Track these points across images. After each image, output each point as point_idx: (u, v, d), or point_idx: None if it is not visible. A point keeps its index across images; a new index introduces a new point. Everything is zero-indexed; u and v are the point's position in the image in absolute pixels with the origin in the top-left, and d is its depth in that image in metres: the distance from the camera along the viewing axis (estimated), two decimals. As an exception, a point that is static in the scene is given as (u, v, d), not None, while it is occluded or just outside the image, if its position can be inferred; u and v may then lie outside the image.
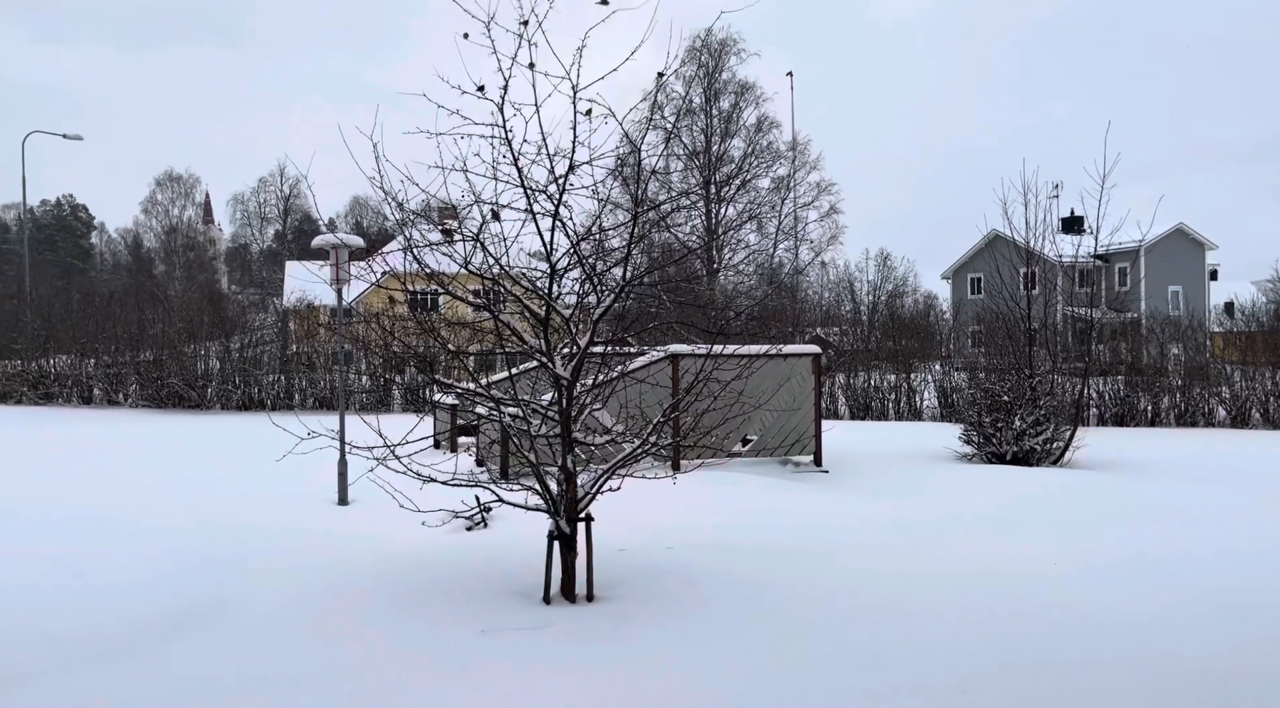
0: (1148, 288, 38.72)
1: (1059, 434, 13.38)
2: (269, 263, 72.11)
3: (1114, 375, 21.85)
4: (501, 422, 6.23)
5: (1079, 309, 25.59)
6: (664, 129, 37.42)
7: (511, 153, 5.86)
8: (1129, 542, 7.81)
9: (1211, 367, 22.14)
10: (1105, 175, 14.31)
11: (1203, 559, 7.15)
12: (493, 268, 6.10)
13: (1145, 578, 6.55)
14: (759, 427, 12.36)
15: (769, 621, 5.53)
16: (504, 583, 6.19)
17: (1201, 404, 20.51)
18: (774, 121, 46.17)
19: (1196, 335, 23.78)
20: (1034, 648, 5.11)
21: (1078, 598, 6.05)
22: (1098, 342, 21.71)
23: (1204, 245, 49.45)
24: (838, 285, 47.40)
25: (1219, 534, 8.16)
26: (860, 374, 23.92)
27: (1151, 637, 5.29)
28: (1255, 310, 28.39)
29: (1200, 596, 6.09)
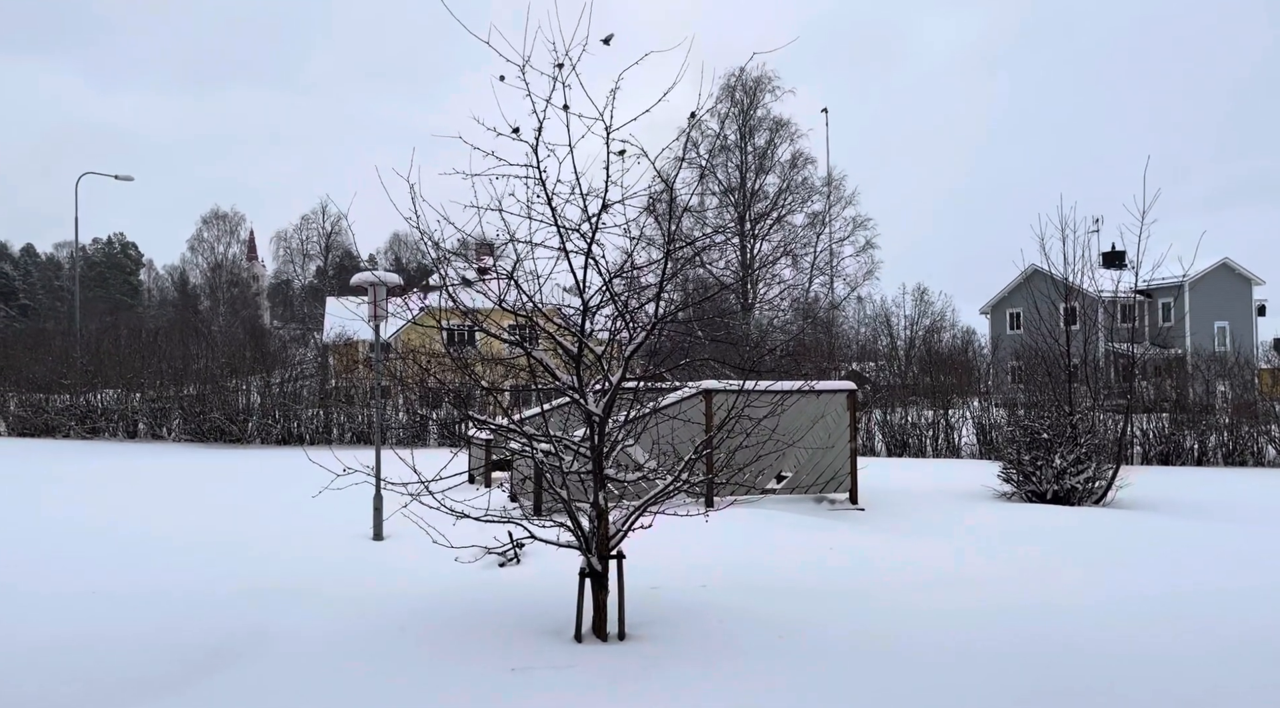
0: (1192, 324, 38.01)
1: (1101, 473, 13.12)
2: (310, 299, 73.39)
3: (1158, 413, 21.41)
4: (534, 458, 6.26)
5: (1121, 345, 25.19)
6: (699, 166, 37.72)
7: (545, 192, 5.96)
8: (1173, 582, 7.60)
9: (1260, 404, 21.61)
10: (1145, 210, 14.13)
11: (1249, 602, 6.93)
12: (526, 305, 6.16)
13: (1188, 619, 6.36)
14: (794, 464, 12.27)
15: (803, 662, 5.45)
16: (536, 620, 6.18)
17: (1250, 443, 20.00)
18: (809, 157, 46.36)
19: (1244, 372, 23.25)
20: (1074, 687, 4.98)
21: (1118, 638, 5.90)
22: (1141, 378, 21.31)
23: (1251, 280, 48.50)
24: (874, 320, 47.00)
25: (1267, 577, 7.91)
26: (897, 410, 23.67)
27: (1191, 678, 5.13)
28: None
29: (1243, 637, 5.90)
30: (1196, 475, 17.62)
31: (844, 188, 46.90)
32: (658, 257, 6.81)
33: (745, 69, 44.09)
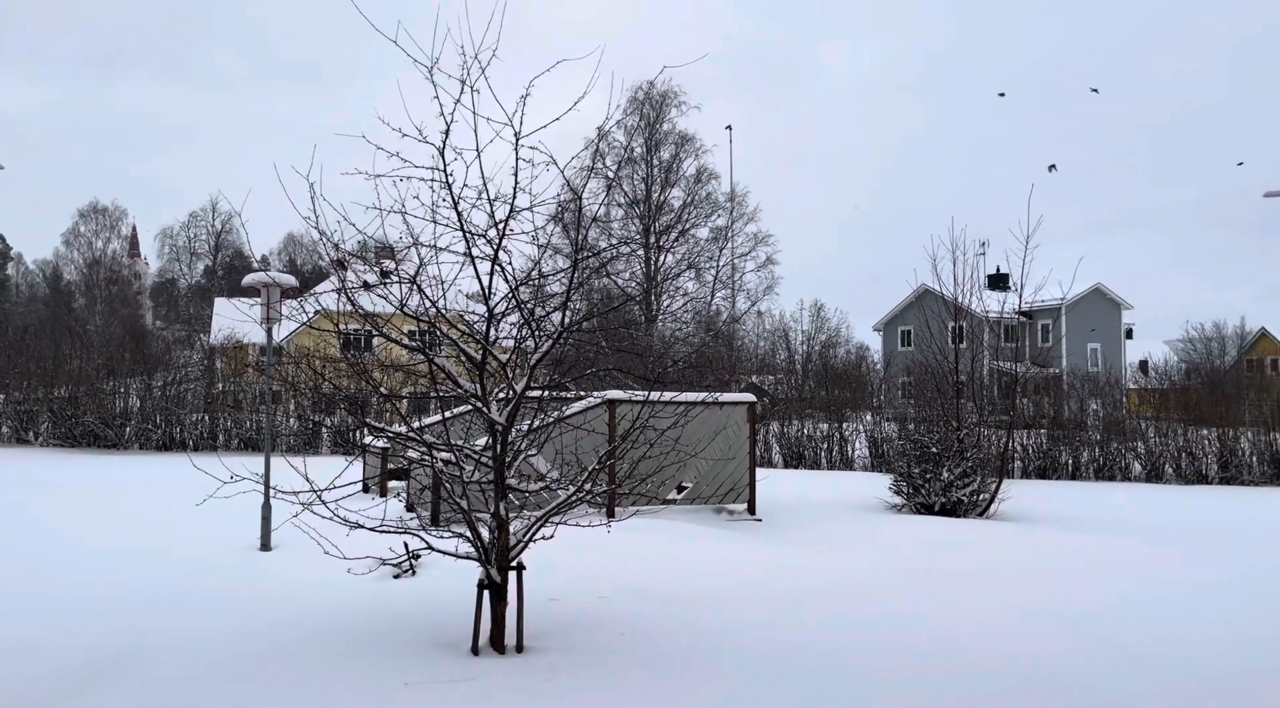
0: (1068, 344, 40.12)
1: (985, 486, 13.68)
2: (197, 299, 70.30)
3: (1037, 429, 22.49)
4: (433, 467, 6.12)
5: (1004, 363, 26.38)
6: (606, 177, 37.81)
7: (451, 196, 5.86)
8: (1051, 593, 7.96)
9: (1128, 422, 22.95)
10: (1029, 235, 14.88)
11: (1117, 611, 7.32)
12: (429, 310, 6.03)
13: (1065, 628, 6.67)
14: (694, 474, 12.37)
15: (702, 672, 5.47)
16: (431, 633, 6.02)
17: (1119, 459, 21.20)
18: (713, 173, 47.07)
19: (1114, 392, 24.69)
20: (961, 696, 5.14)
21: (1002, 647, 6.13)
22: (1022, 396, 22.36)
23: (1120, 305, 51.57)
24: (773, 334, 48.11)
25: (1135, 585, 8.37)
26: (794, 423, 24.19)
27: (1069, 686, 5.38)
28: (1168, 369, 29.64)
29: (1109, 645, 6.22)
30: (1071, 489, 18.56)
31: (747, 204, 47.79)
32: (565, 266, 6.78)
33: (653, 83, 44.50)
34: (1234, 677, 5.65)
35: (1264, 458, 20.02)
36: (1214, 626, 6.87)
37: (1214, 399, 22.65)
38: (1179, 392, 24.65)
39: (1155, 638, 6.46)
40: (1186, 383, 26.14)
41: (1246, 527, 13.05)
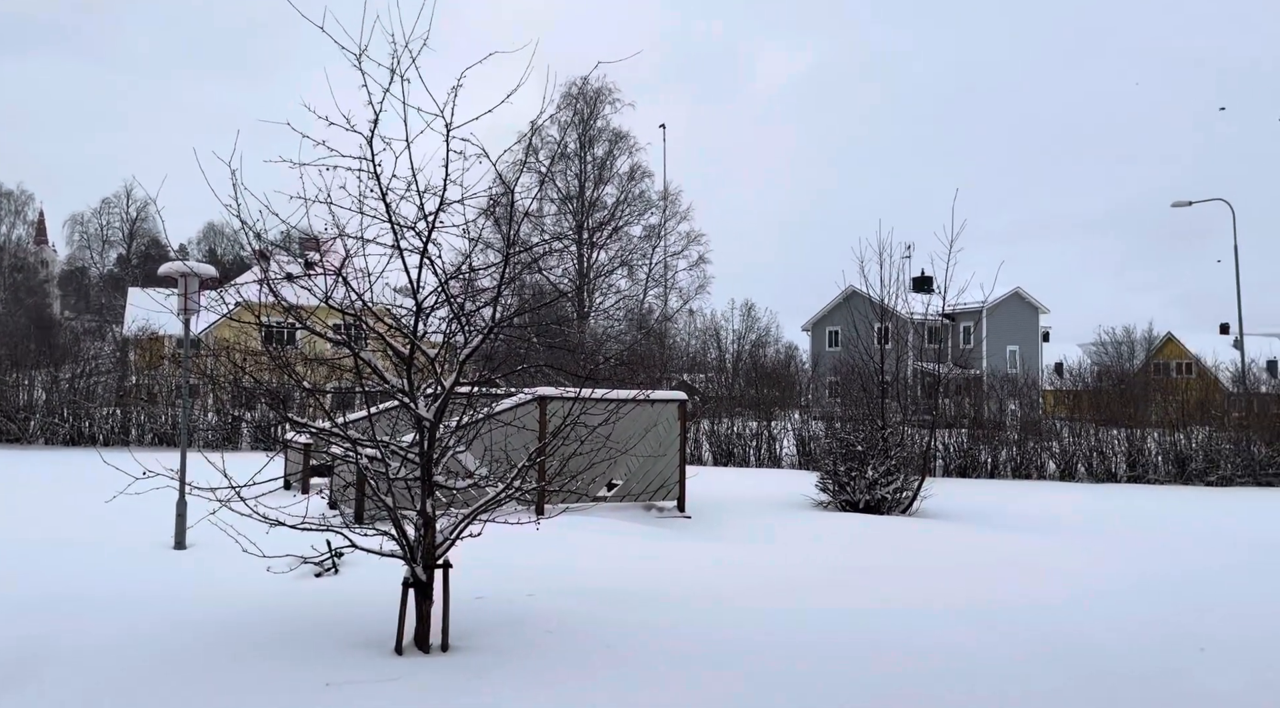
0: (989, 347, 41.34)
1: (908, 484, 13.99)
2: (109, 289, 67.64)
3: (958, 428, 23.10)
4: (358, 463, 5.98)
5: (927, 364, 27.04)
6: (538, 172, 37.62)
7: (379, 187, 5.73)
8: (970, 588, 8.18)
9: (1044, 423, 23.73)
10: (953, 239, 15.26)
11: (1036, 605, 7.56)
12: (355, 303, 5.90)
13: (982, 623, 6.86)
14: (625, 472, 12.38)
15: (629, 667, 5.47)
16: (354, 633, 5.90)
17: (1035, 458, 21.90)
18: (646, 171, 47.21)
19: (1031, 393, 25.49)
20: (885, 691, 5.25)
21: (922, 642, 6.28)
22: (944, 396, 22.94)
23: (1038, 309, 53.32)
24: (704, 333, 48.46)
25: (1049, 582, 8.66)
26: (724, 421, 24.40)
27: (991, 679, 5.54)
28: (1081, 372, 30.74)
29: (1034, 639, 6.43)
30: (990, 487, 19.12)
31: (680, 203, 48.05)
32: (496, 260, 6.70)
33: (587, 79, 44.40)
34: (1141, 670, 5.88)
35: (1168, 457, 20.91)
36: (1123, 621, 7.14)
37: (1123, 401, 23.55)
38: (1091, 393, 25.57)
39: (1069, 633, 6.68)
40: (1098, 385, 27.13)
41: (1153, 523, 13.60)
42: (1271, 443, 20.27)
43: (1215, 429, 21.11)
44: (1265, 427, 20.79)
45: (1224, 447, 20.55)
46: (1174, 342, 64.10)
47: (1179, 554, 10.44)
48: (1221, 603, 7.78)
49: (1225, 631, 6.83)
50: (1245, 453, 20.27)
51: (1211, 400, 22.94)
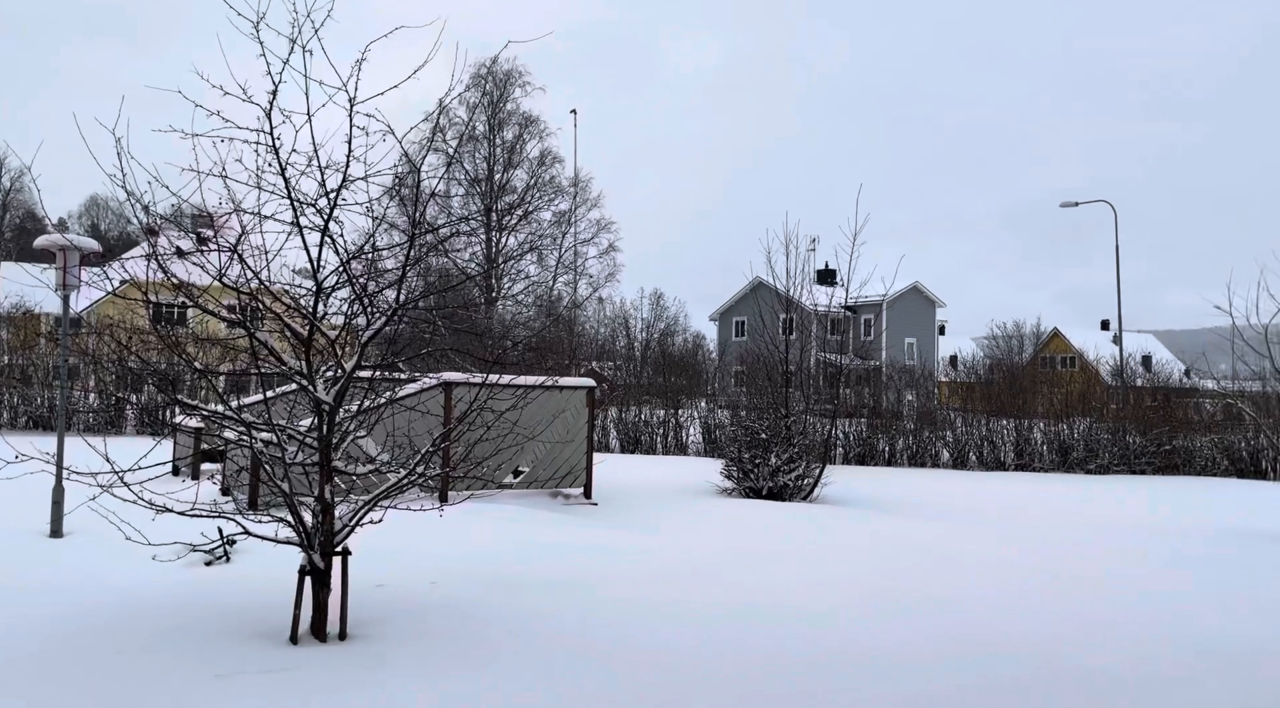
0: (888, 338, 42.60)
1: (809, 471, 14.31)
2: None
3: (858, 418, 23.76)
4: (253, 448, 5.77)
5: (830, 355, 27.69)
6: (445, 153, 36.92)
7: (278, 162, 5.51)
8: (870, 575, 8.43)
9: (938, 413, 24.63)
10: (856, 233, 15.64)
11: (930, 593, 7.85)
12: (251, 282, 5.67)
13: (884, 610, 7.08)
14: (531, 458, 12.29)
15: (533, 654, 5.44)
16: (246, 623, 5.69)
17: (930, 447, 22.72)
18: (557, 156, 46.89)
19: (927, 384, 26.41)
20: (784, 679, 5.36)
21: (825, 630, 6.43)
22: (845, 386, 23.54)
23: (935, 303, 55.22)
24: (613, 321, 48.53)
25: (940, 564, 9.00)
26: (631, 408, 24.50)
27: (886, 661, 5.72)
28: (974, 364, 32.00)
29: (933, 629, 6.66)
30: (887, 475, 19.74)
31: (590, 190, 47.95)
32: (401, 241, 6.54)
33: (497, 59, 43.73)
34: (1022, 649, 6.17)
35: (1053, 447, 21.97)
36: (1007, 599, 7.47)
37: (1012, 393, 24.62)
38: (983, 385, 26.65)
39: (953, 614, 6.96)
40: (990, 378, 28.30)
41: (1038, 509, 14.27)
42: (1145, 433, 21.50)
43: (1095, 420, 22.28)
44: (1139, 418, 22.04)
45: (1103, 437, 21.70)
46: (1060, 337, 67.35)
47: (1058, 538, 10.98)
48: (1095, 583, 8.22)
49: (1099, 611, 7.22)
50: (1121, 443, 21.45)
51: (1092, 393, 24.20)
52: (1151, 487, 18.12)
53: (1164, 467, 21.15)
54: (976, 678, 5.44)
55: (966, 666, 5.66)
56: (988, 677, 5.48)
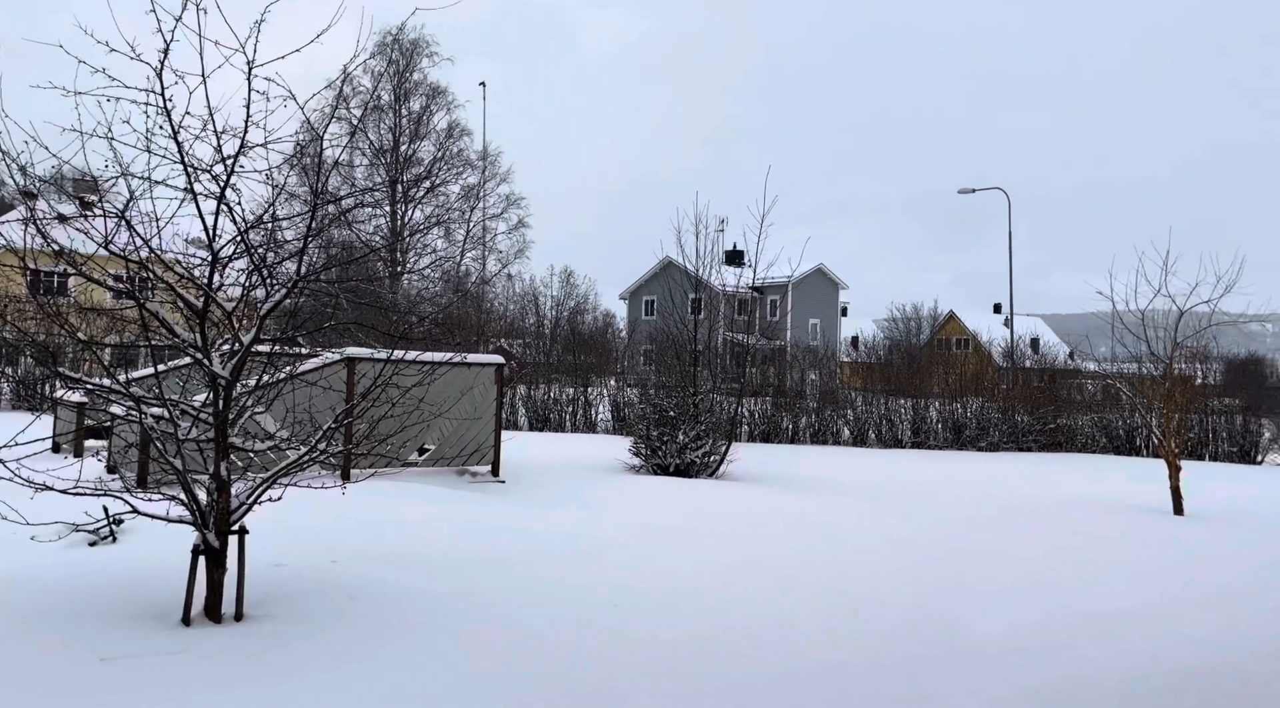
0: (793, 319, 43.48)
1: (716, 449, 14.55)
2: None
3: (763, 397, 24.24)
4: (142, 423, 5.52)
5: (737, 335, 28.09)
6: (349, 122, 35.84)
7: (170, 124, 5.26)
8: (776, 547, 8.64)
9: (840, 392, 25.32)
10: (764, 214, 15.88)
11: (827, 567, 8.09)
12: (140, 250, 5.41)
13: (786, 580, 7.28)
14: (438, 436, 12.14)
15: (437, 635, 5.40)
16: (134, 605, 5.47)
17: (831, 425, 23.35)
18: (465, 129, 46.02)
19: (830, 364, 27.10)
20: (687, 653, 5.46)
21: (728, 603, 6.58)
22: (751, 365, 23.95)
23: (838, 285, 56.57)
24: (523, 298, 48.05)
25: (843, 542, 9.29)
26: (541, 386, 24.41)
27: (782, 633, 5.88)
28: (874, 345, 32.96)
29: (828, 595, 6.88)
30: (790, 452, 20.22)
31: (500, 164, 47.22)
32: (302, 211, 6.34)
33: (404, 27, 42.57)
34: (912, 619, 6.43)
35: (947, 425, 22.87)
36: (899, 572, 7.77)
37: (910, 373, 25.51)
38: (882, 366, 27.51)
39: (850, 585, 7.20)
40: (889, 358, 29.23)
41: (930, 484, 14.84)
42: (1032, 412, 22.57)
43: (987, 400, 23.28)
44: (1027, 398, 23.14)
45: (993, 416, 22.70)
46: (956, 319, 69.90)
47: (951, 512, 11.46)
48: (983, 554, 8.62)
49: (986, 581, 7.58)
50: (1010, 421, 22.47)
51: (984, 374, 25.26)
52: (1036, 463, 19.05)
53: (1048, 444, 22.27)
54: (870, 652, 5.65)
55: (859, 638, 5.87)
56: (879, 649, 5.70)
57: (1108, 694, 5.03)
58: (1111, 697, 5.00)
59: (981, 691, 4.97)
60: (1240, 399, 22.82)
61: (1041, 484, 15.11)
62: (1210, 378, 23.29)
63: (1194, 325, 12.55)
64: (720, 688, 4.83)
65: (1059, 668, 5.42)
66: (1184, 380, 16.52)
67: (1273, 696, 5.16)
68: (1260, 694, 5.17)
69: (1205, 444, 21.26)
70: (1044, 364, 27.84)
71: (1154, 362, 12.68)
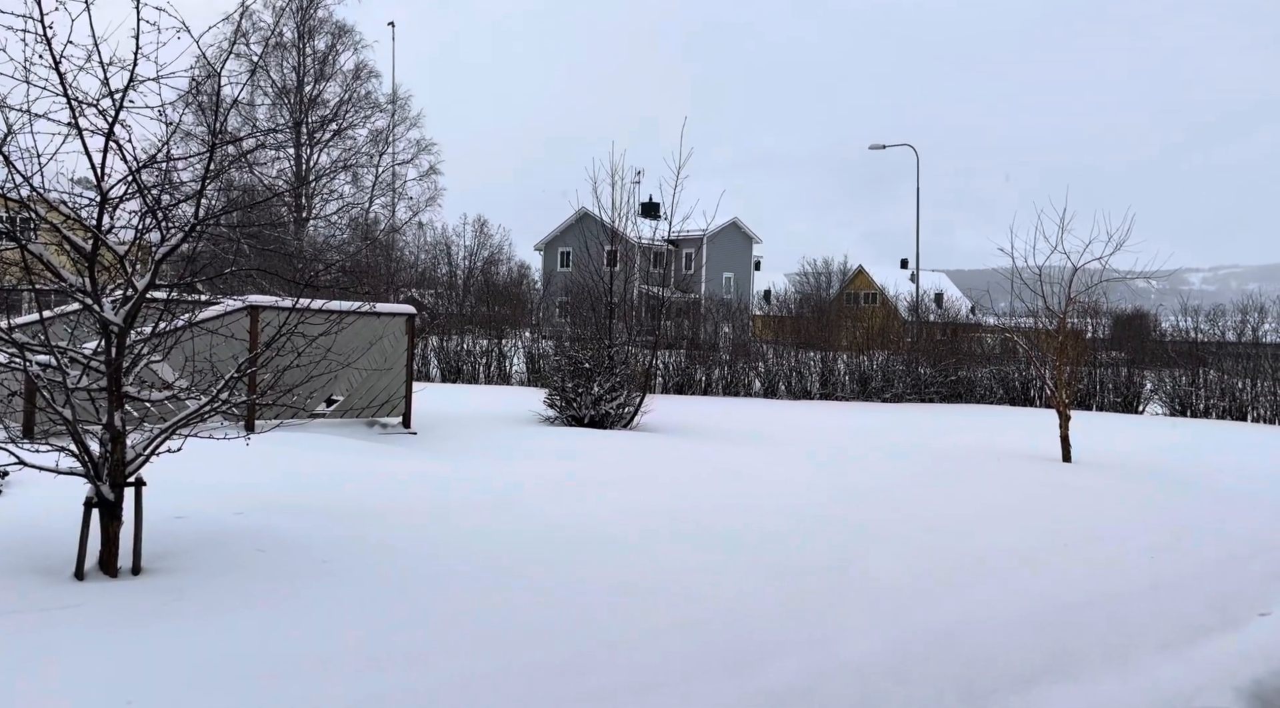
0: (708, 272, 43.81)
1: (631, 400, 14.66)
2: None
3: (678, 349, 24.46)
4: (27, 371, 5.25)
5: (653, 288, 28.17)
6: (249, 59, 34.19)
7: (51, 54, 4.94)
8: (686, 496, 8.80)
9: (752, 345, 25.73)
10: (680, 166, 15.86)
11: (740, 511, 8.30)
12: (20, 187, 5.09)
13: (694, 529, 7.43)
14: (347, 386, 11.90)
15: (343, 586, 5.35)
16: (22, 560, 5.26)
17: (743, 377, 23.76)
18: (374, 71, 44.42)
19: (743, 317, 27.47)
20: (590, 600, 5.55)
21: (635, 551, 6.69)
22: (666, 318, 24.11)
23: (752, 239, 57.10)
24: (434, 248, 47.09)
25: (757, 488, 9.53)
26: (453, 337, 24.09)
27: (686, 579, 6.03)
28: (786, 299, 33.51)
29: (734, 542, 7.06)
30: (703, 403, 20.52)
31: (410, 108, 45.95)
32: (199, 151, 6.05)
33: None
34: (820, 562, 6.66)
35: (855, 377, 23.51)
36: (801, 516, 8.02)
37: (820, 326, 26.03)
38: (793, 320, 28.01)
39: (757, 529, 7.41)
40: (800, 312, 29.76)
41: (841, 434, 15.29)
42: (935, 365, 23.37)
43: (892, 353, 23.98)
44: (930, 351, 23.92)
45: (898, 368, 23.42)
46: (864, 274, 71.47)
47: (853, 459, 11.85)
48: (881, 499, 8.96)
49: (885, 525, 7.90)
50: (914, 373, 23.23)
51: (890, 327, 25.97)
52: (937, 414, 19.80)
53: (949, 396, 23.13)
54: (771, 595, 5.84)
55: (761, 583, 6.06)
56: (779, 591, 5.89)
57: (996, 629, 5.32)
58: (999, 631, 5.29)
59: (875, 629, 5.21)
60: (1125, 353, 24.07)
61: (941, 434, 15.72)
62: (1099, 332, 24.45)
63: (1086, 282, 13.11)
64: (615, 639, 4.93)
65: (949, 607, 5.71)
66: (1076, 335, 17.33)
67: (1142, 623, 5.55)
68: (1132, 624, 5.55)
69: (1093, 395, 22.40)
70: (947, 318, 28.79)
71: (1049, 316, 13.25)
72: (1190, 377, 21.64)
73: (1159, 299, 26.91)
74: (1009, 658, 4.86)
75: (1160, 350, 23.34)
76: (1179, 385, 21.68)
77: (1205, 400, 21.40)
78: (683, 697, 4.13)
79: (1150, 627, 5.54)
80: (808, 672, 4.50)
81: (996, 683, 4.51)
